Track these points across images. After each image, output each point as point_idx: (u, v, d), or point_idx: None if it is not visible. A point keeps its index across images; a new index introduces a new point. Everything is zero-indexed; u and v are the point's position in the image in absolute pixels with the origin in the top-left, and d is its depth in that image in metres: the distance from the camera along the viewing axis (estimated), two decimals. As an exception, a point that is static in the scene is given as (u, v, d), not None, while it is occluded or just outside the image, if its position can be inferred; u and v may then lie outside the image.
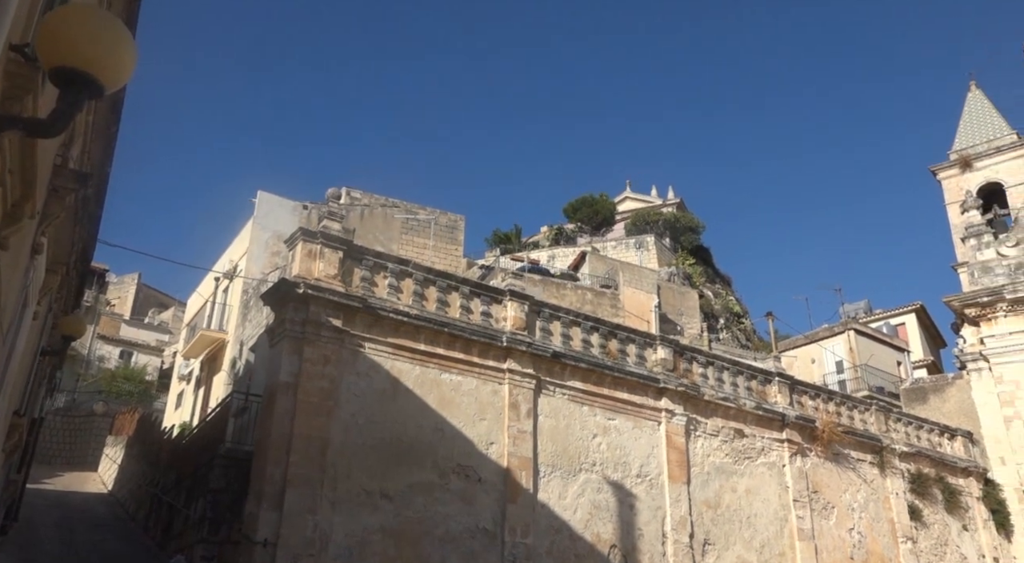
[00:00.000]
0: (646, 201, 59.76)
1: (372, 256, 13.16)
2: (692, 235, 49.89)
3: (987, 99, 31.17)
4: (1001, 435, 20.65)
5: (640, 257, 42.94)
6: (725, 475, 16.20)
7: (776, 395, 17.83)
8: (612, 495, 14.43)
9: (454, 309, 13.56)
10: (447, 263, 24.81)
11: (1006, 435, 20.54)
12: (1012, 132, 29.29)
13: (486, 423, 13.23)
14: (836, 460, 18.13)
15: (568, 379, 14.54)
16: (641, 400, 15.41)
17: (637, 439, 15.18)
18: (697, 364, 16.89)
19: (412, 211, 23.29)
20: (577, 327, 15.28)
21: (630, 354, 15.83)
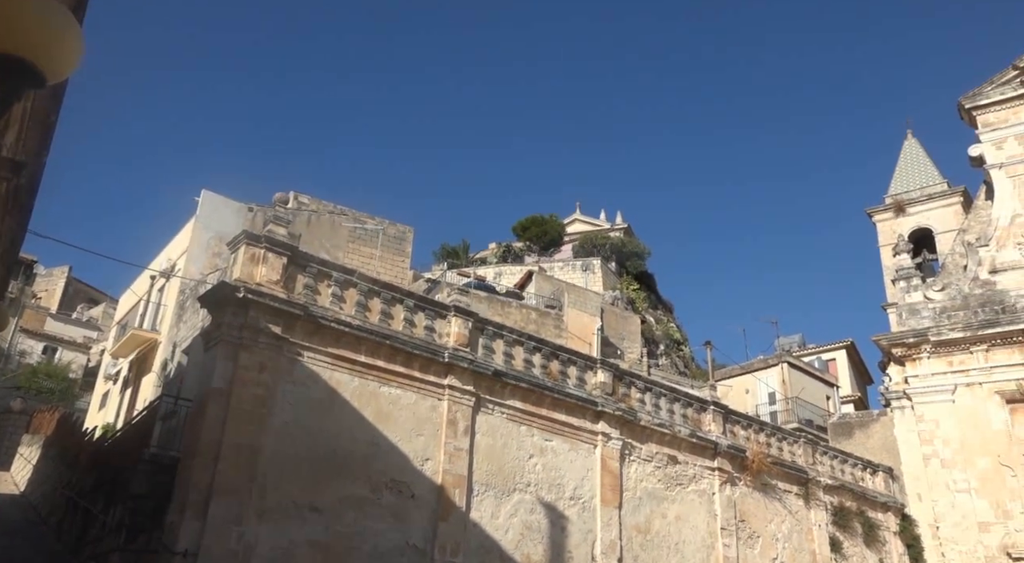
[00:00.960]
0: (595, 224, 60.49)
1: (317, 264, 12.96)
2: (637, 260, 50.65)
3: (922, 148, 32.64)
4: (919, 472, 21.42)
5: (586, 279, 43.34)
6: (656, 501, 16.37)
7: (710, 424, 18.15)
8: (544, 516, 14.43)
9: (397, 322, 13.43)
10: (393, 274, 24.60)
11: (924, 472, 21.32)
12: (943, 181, 30.71)
13: (423, 439, 13.10)
14: (764, 490, 18.52)
15: (508, 398, 14.53)
16: (579, 422, 15.49)
17: (573, 461, 15.23)
18: (636, 389, 17.09)
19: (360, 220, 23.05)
20: (520, 346, 15.30)
21: (571, 376, 15.92)
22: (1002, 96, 23.56)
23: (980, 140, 23.80)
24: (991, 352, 21.31)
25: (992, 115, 23.74)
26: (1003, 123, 23.54)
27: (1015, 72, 23.49)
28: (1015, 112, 23.42)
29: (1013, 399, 20.71)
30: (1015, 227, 22.35)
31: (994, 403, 20.89)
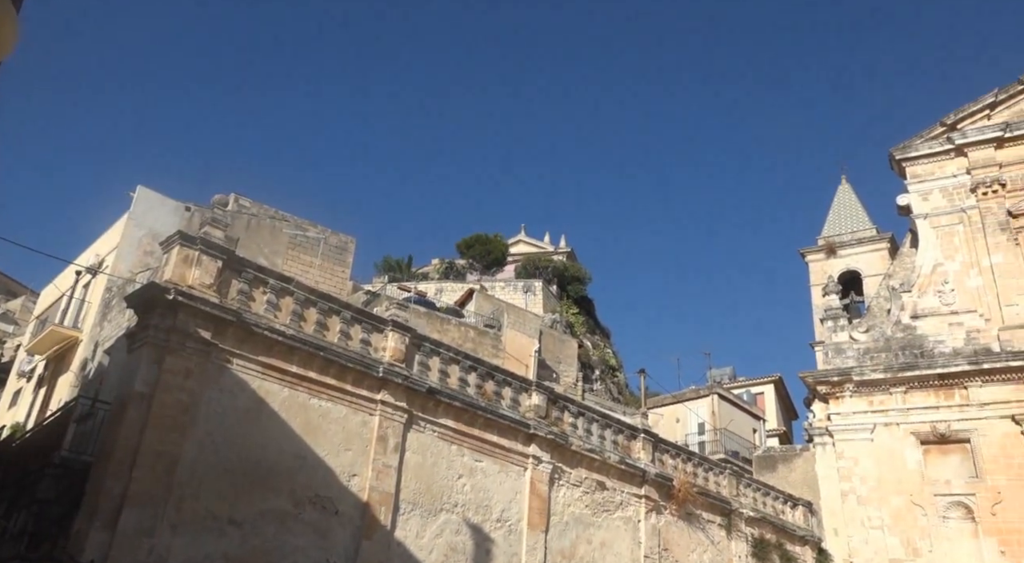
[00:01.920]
0: (539, 246, 60.93)
1: (253, 269, 12.65)
2: (578, 285, 51.14)
3: (854, 194, 34.07)
4: (837, 508, 22.06)
5: (526, 301, 43.50)
6: (583, 526, 16.41)
7: (640, 451, 18.34)
8: (470, 538, 14.30)
9: (333, 333, 13.20)
10: (332, 284, 24.21)
11: (841, 508, 21.97)
12: (872, 227, 32.07)
13: (351, 454, 12.86)
14: (688, 519, 18.77)
15: (441, 416, 14.40)
16: (510, 444, 15.46)
17: (502, 483, 15.17)
18: (569, 414, 17.16)
19: (302, 227, 22.65)
20: (456, 365, 15.22)
21: (505, 397, 15.90)
22: (929, 150, 24.79)
23: (908, 190, 24.95)
24: (909, 394, 22.19)
25: (920, 167, 24.95)
26: (929, 176, 24.75)
27: (942, 128, 24.77)
28: (940, 166, 24.66)
29: (927, 440, 21.58)
30: (936, 275, 23.43)
31: (909, 443, 21.73)
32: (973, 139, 24.09)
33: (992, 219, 23.13)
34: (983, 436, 20.86)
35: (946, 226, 23.93)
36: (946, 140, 24.53)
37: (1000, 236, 22.85)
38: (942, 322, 22.79)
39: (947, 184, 24.38)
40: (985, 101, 24.48)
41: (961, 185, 24.10)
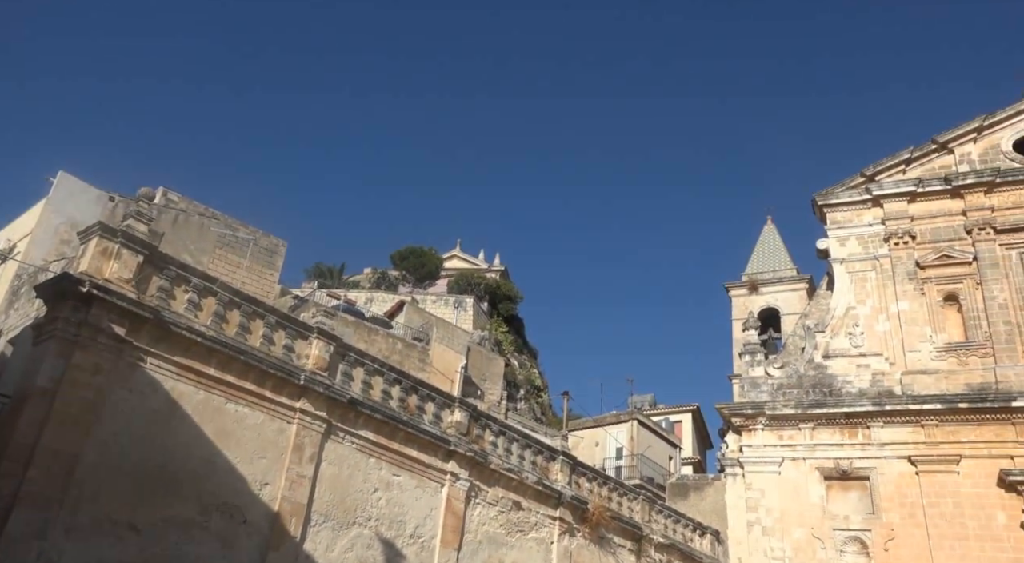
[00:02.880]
0: (473, 263, 61.03)
1: (176, 267, 12.29)
2: (509, 304, 51.41)
3: (778, 234, 35.46)
4: (743, 537, 22.69)
5: (457, 316, 43.44)
6: (496, 546, 16.41)
7: (558, 473, 18.50)
8: (381, 553, 14.12)
9: (255, 338, 12.91)
10: (259, 287, 23.65)
11: (747, 538, 22.61)
12: (793, 267, 33.40)
13: (264, 462, 12.56)
14: (600, 543, 18.99)
15: (361, 428, 14.23)
16: (429, 460, 15.38)
17: (418, 499, 15.06)
18: (490, 432, 17.19)
19: (232, 226, 22.07)
20: (380, 376, 15.09)
21: (428, 412, 15.83)
22: (849, 198, 26.06)
23: (827, 235, 26.12)
24: (816, 431, 23.09)
25: (840, 214, 26.18)
26: (848, 222, 26.00)
27: (861, 179, 26.10)
28: (858, 214, 25.94)
29: (830, 476, 22.46)
30: (848, 318, 24.55)
31: (814, 479, 22.58)
32: (889, 191, 25.45)
33: (902, 268, 24.43)
34: (881, 475, 21.86)
35: (860, 272, 25.13)
36: (865, 190, 25.84)
37: (908, 285, 24.14)
38: (851, 363, 23.85)
39: (863, 232, 25.64)
40: (902, 156, 25.93)
41: (876, 234, 25.38)
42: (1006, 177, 24.19)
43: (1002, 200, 24.14)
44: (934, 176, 25.24)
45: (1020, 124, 25.32)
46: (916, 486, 21.33)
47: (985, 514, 20.36)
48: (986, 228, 23.82)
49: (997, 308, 22.67)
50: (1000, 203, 24.12)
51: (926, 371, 22.71)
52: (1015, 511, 20.05)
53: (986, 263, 23.40)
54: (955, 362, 22.66)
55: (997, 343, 22.30)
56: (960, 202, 24.58)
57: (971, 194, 24.42)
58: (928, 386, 22.36)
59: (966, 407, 21.43)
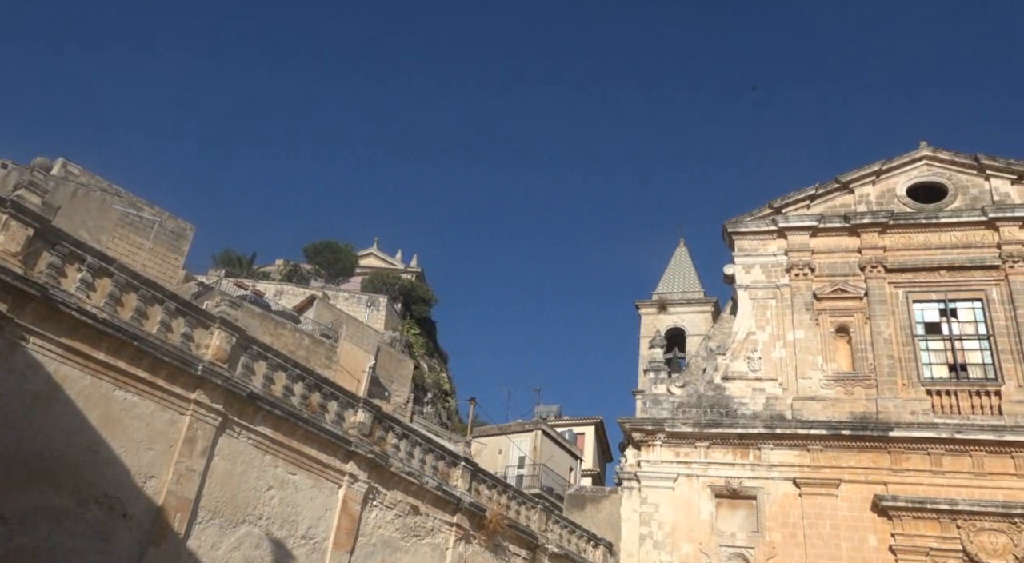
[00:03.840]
0: (389, 262, 60.34)
1: (70, 243, 11.62)
2: (424, 306, 51.03)
3: (689, 257, 36.68)
4: (634, 550, 23.22)
5: (369, 315, 42.82)
6: (390, 550, 16.21)
7: (458, 479, 18.45)
8: (270, 553, 13.71)
9: (152, 324, 12.35)
10: (162, 271, 22.67)
11: (638, 550, 23.14)
12: (701, 290, 34.59)
13: (152, 454, 12.01)
14: (495, 551, 19.04)
15: (259, 424, 13.80)
16: (328, 460, 15.07)
17: (313, 499, 14.71)
18: (393, 434, 17.00)
19: (137, 205, 21.06)
20: (283, 372, 14.69)
21: (330, 411, 15.51)
22: (757, 228, 27.22)
23: (735, 261, 27.17)
24: (711, 449, 23.91)
25: (747, 242, 27.30)
26: (754, 251, 27.14)
27: (769, 210, 27.31)
28: (764, 244, 27.13)
29: (720, 494, 23.28)
30: (748, 343, 25.58)
31: (705, 496, 23.35)
32: (793, 224, 26.73)
33: (800, 299, 25.66)
34: (768, 494, 22.81)
35: (762, 299, 26.25)
36: (772, 221, 27.03)
37: (804, 315, 25.37)
38: (747, 386, 24.84)
39: (768, 261, 26.81)
40: (807, 192, 27.29)
41: (779, 264, 26.58)
42: (899, 220, 25.81)
43: (894, 241, 25.74)
44: (835, 213, 26.67)
45: (913, 171, 27.09)
46: (799, 507, 22.35)
47: (859, 536, 21.53)
48: (878, 266, 25.32)
49: (882, 342, 24.10)
50: (892, 244, 25.71)
51: (815, 398, 23.89)
52: (885, 535, 21.30)
53: (875, 299, 24.86)
54: (842, 391, 23.93)
55: (880, 375, 23.69)
56: (857, 240, 26.04)
57: (867, 233, 25.92)
58: (816, 412, 23.52)
59: (848, 434, 22.64)
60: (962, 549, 20.46)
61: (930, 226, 25.58)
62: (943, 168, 26.82)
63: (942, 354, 23.97)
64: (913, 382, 23.44)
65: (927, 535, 20.89)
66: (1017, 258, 24.15)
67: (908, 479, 21.83)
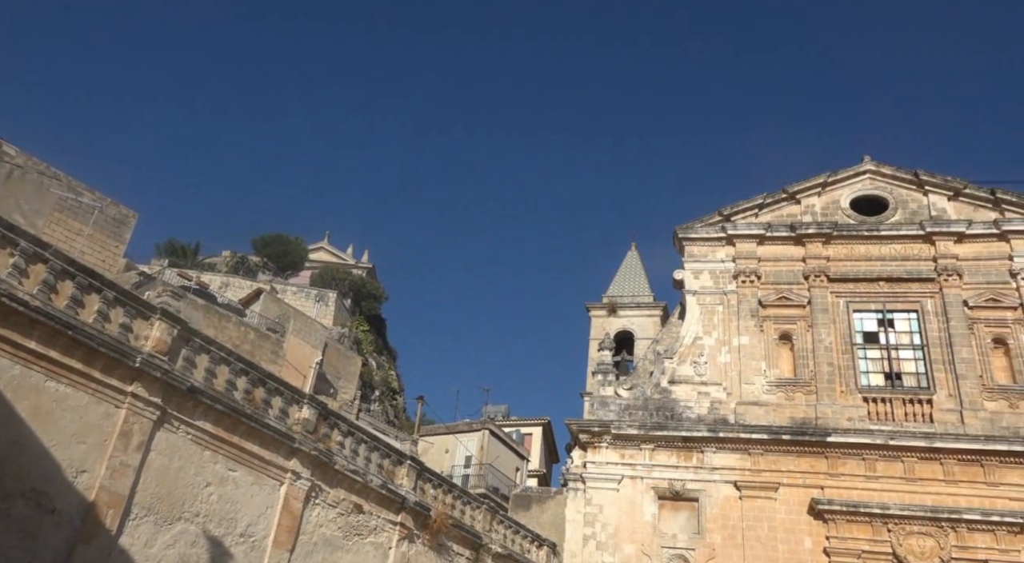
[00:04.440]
0: (340, 257, 59.59)
1: (3, 227, 11.11)
2: (373, 302, 50.57)
3: (640, 261, 37.06)
4: (578, 550, 23.37)
5: (317, 310, 42.23)
6: (331, 548, 15.97)
7: (404, 478, 18.29)
8: (207, 551, 13.36)
9: (89, 313, 11.90)
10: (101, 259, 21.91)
11: (582, 551, 23.31)
12: (650, 294, 34.98)
13: (84, 448, 11.57)
14: (438, 550, 18.93)
15: (199, 418, 13.44)
16: (270, 456, 14.76)
17: (254, 496, 14.39)
18: (338, 432, 16.75)
19: (76, 190, 20.29)
20: (226, 366, 14.33)
21: (274, 406, 15.20)
22: (706, 235, 27.70)
23: (684, 266, 27.61)
24: (656, 452, 24.22)
25: (697, 248, 27.76)
26: (703, 257, 27.60)
27: (719, 218, 27.82)
28: (713, 250, 27.62)
29: (664, 496, 23.60)
30: (695, 347, 26.01)
31: (649, 497, 23.64)
32: (742, 232, 27.28)
33: (746, 305, 26.20)
34: (709, 497, 23.21)
35: (709, 304, 26.71)
36: (721, 228, 27.54)
37: (750, 321, 25.91)
38: (693, 390, 25.24)
39: (716, 267, 27.29)
40: (756, 201, 27.88)
41: (727, 270, 27.09)
42: (842, 231, 26.57)
43: (837, 252, 26.48)
44: (782, 223, 27.30)
45: (857, 184, 27.92)
46: (739, 509, 22.80)
47: (795, 539, 22.07)
48: (821, 276, 26.02)
49: (823, 350, 24.76)
50: (835, 254, 26.44)
51: (758, 403, 24.41)
52: (820, 537, 21.88)
53: (818, 308, 25.54)
54: (783, 396, 24.51)
55: (820, 382, 24.34)
56: (802, 249, 26.72)
57: (811, 243, 26.61)
58: (758, 417, 24.04)
59: (788, 439, 23.20)
60: (892, 552, 21.16)
61: (871, 238, 26.40)
62: (885, 182, 27.70)
63: (879, 362, 24.76)
64: (851, 389, 24.14)
65: (860, 538, 21.54)
66: (951, 272, 25.10)
67: (843, 483, 22.47)
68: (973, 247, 25.56)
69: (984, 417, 22.64)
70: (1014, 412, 22.69)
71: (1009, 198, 25.75)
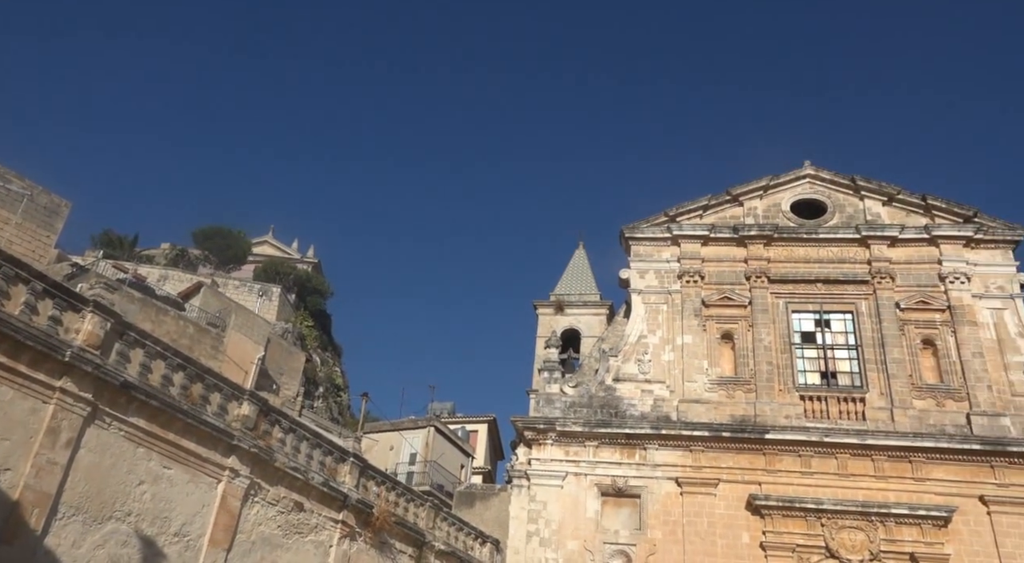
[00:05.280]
0: (285, 252, 58.55)
1: (-76, 212, 10.59)
2: (319, 298, 49.87)
3: (587, 260, 37.38)
4: (521, 547, 23.46)
5: (260, 305, 41.43)
6: (270, 547, 15.67)
7: (346, 475, 18.06)
8: (138, 551, 12.95)
9: (15, 305, 11.40)
10: (31, 249, 21.05)
11: (525, 547, 23.40)
12: (597, 293, 35.32)
13: (8, 445, 11.09)
14: (380, 548, 18.76)
15: (132, 415, 13.01)
16: (208, 454, 14.39)
17: (189, 494, 14.01)
18: (279, 429, 16.44)
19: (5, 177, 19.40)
20: (162, 360, 13.91)
21: (212, 403, 14.82)
22: (652, 235, 28.09)
23: (630, 266, 27.94)
24: (599, 449, 24.46)
25: (643, 248, 28.13)
26: (649, 257, 27.99)
27: (664, 218, 28.24)
28: (658, 250, 28.02)
29: (607, 493, 23.85)
30: (639, 345, 26.35)
31: (592, 494, 23.86)
32: (687, 233, 27.74)
33: (690, 305, 26.67)
34: (651, 493, 23.55)
35: (654, 304, 27.09)
36: (667, 229, 27.96)
37: (693, 320, 26.38)
38: (637, 388, 25.57)
39: (661, 267, 27.71)
40: (700, 203, 28.39)
41: (672, 270, 27.52)
42: (782, 234, 27.25)
43: (777, 253, 27.16)
44: (725, 224, 27.87)
45: (797, 188, 28.68)
46: (679, 505, 23.19)
47: (733, 534, 22.57)
48: (762, 277, 26.65)
49: (763, 349, 25.38)
50: (775, 256, 27.12)
51: (700, 401, 24.87)
52: (757, 532, 22.42)
53: (758, 308, 26.16)
54: (724, 394, 25.03)
55: (759, 381, 24.94)
56: (744, 251, 27.31)
57: (753, 245, 27.23)
58: (700, 414, 24.49)
59: (728, 436, 23.70)
60: (825, 545, 21.81)
61: (810, 241, 27.16)
62: (824, 187, 28.53)
63: (816, 362, 25.49)
64: (789, 388, 24.81)
65: (795, 532, 22.15)
66: (884, 275, 26.00)
67: (780, 479, 23.07)
68: (905, 251, 26.53)
69: (913, 415, 23.54)
70: (940, 410, 23.65)
71: (939, 204, 26.81)
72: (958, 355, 24.41)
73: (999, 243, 26.19)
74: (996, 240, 26.20)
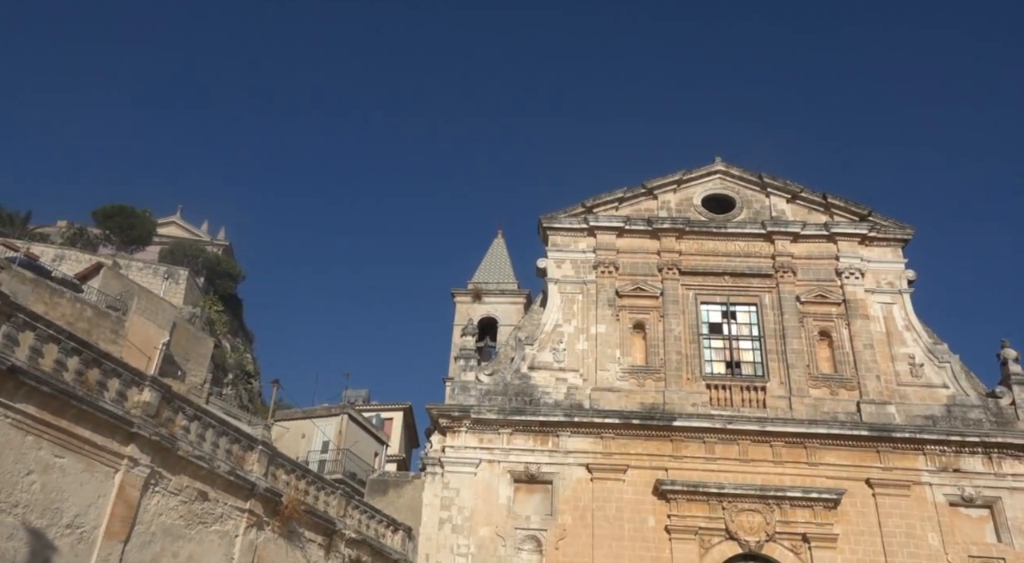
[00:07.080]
0: (194, 233, 56.42)
1: None
2: (229, 282, 48.30)
3: (506, 248, 37.63)
4: (434, 534, 23.51)
5: (166, 288, 39.81)
6: (172, 538, 15.15)
7: (254, 464, 17.63)
8: (26, 544, 12.28)
9: None
10: (-93, 223, 19.47)
11: (438, 534, 23.46)
12: (515, 282, 35.62)
13: None
14: (289, 537, 18.43)
15: (20, 401, 12.29)
16: (104, 442, 13.75)
17: (84, 484, 13.37)
18: (183, 416, 15.88)
19: None
20: (55, 344, 13.18)
21: (110, 389, 14.15)
22: (570, 225, 28.50)
23: (548, 255, 28.28)
24: (513, 436, 24.73)
25: (560, 238, 28.50)
26: (566, 247, 28.39)
27: (582, 209, 28.69)
28: (575, 240, 28.46)
29: (520, 479, 24.17)
30: (555, 335, 26.75)
31: (505, 481, 24.13)
32: (602, 224, 28.28)
33: (604, 295, 27.22)
34: (563, 479, 24.01)
35: (570, 293, 27.54)
36: (583, 219, 28.42)
37: (607, 310, 26.95)
38: (551, 376, 25.97)
39: (578, 257, 28.16)
40: (616, 195, 28.97)
41: (588, 261, 28.01)
42: (693, 227, 28.15)
43: (688, 246, 28.04)
44: (640, 217, 28.55)
45: (709, 183, 29.66)
46: (590, 491, 23.74)
47: (640, 518, 23.29)
48: (673, 269, 27.47)
49: (673, 339, 26.20)
50: (686, 249, 27.99)
51: (612, 389, 25.47)
52: (662, 516, 23.22)
53: (669, 299, 26.96)
54: (635, 383, 25.72)
55: (669, 370, 25.74)
56: (657, 243, 28.07)
57: (666, 237, 28.02)
58: (611, 402, 25.10)
59: (637, 423, 24.39)
60: (725, 528, 22.80)
61: (719, 235, 28.16)
62: (733, 183, 29.60)
63: (722, 352, 26.51)
64: (696, 377, 25.72)
65: (698, 515, 23.05)
66: (787, 269, 27.25)
67: (686, 465, 23.93)
68: (807, 247, 27.88)
69: (809, 403, 24.83)
70: (834, 398, 25.04)
71: (838, 203, 28.28)
72: (851, 347, 25.88)
73: (891, 241, 27.86)
74: (888, 238, 27.85)
